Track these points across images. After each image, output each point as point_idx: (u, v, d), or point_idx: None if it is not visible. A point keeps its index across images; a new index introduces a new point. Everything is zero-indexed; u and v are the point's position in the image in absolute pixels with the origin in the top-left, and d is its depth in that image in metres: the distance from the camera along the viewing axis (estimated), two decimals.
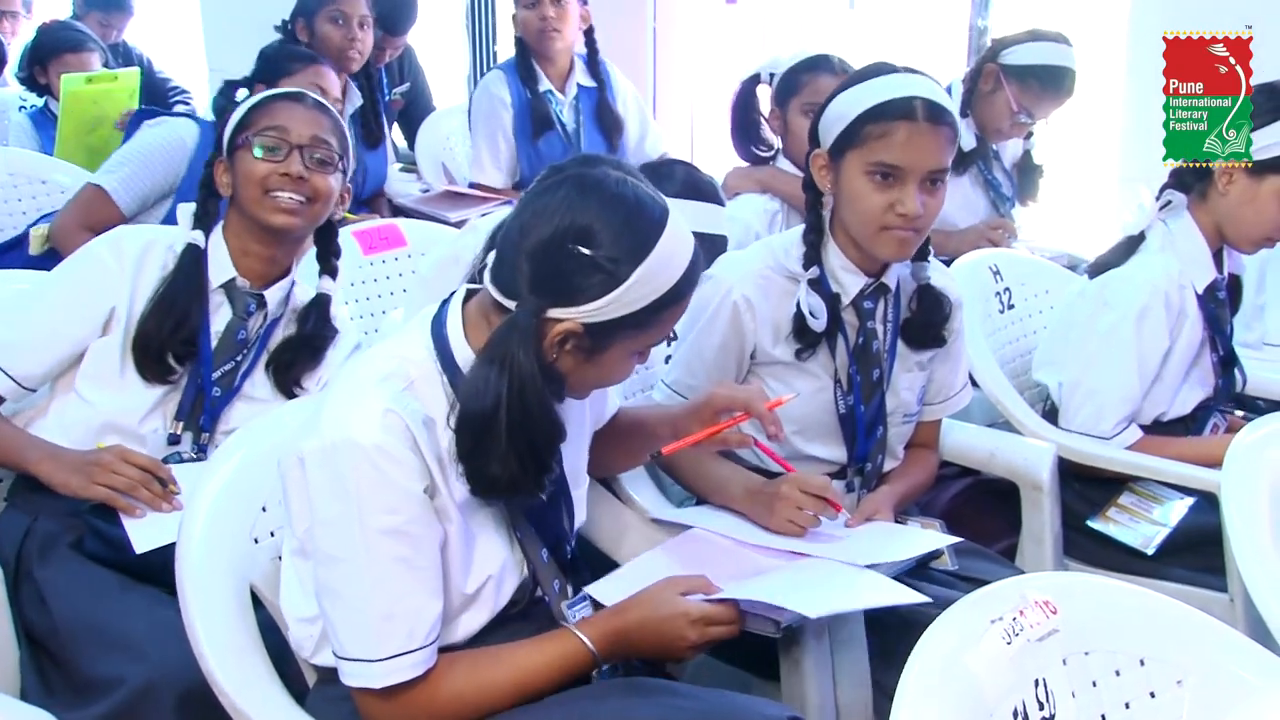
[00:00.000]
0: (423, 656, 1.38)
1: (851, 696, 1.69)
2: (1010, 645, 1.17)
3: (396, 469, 1.35)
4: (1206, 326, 2.28)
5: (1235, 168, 2.17)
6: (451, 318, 1.48)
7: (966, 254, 2.69)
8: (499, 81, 3.66)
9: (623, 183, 1.42)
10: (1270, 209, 2.17)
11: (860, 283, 1.92)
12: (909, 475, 2.06)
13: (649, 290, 1.41)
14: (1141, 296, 2.21)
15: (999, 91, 3.09)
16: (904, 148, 1.79)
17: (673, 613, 1.47)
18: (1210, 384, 2.33)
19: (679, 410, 1.75)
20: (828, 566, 1.67)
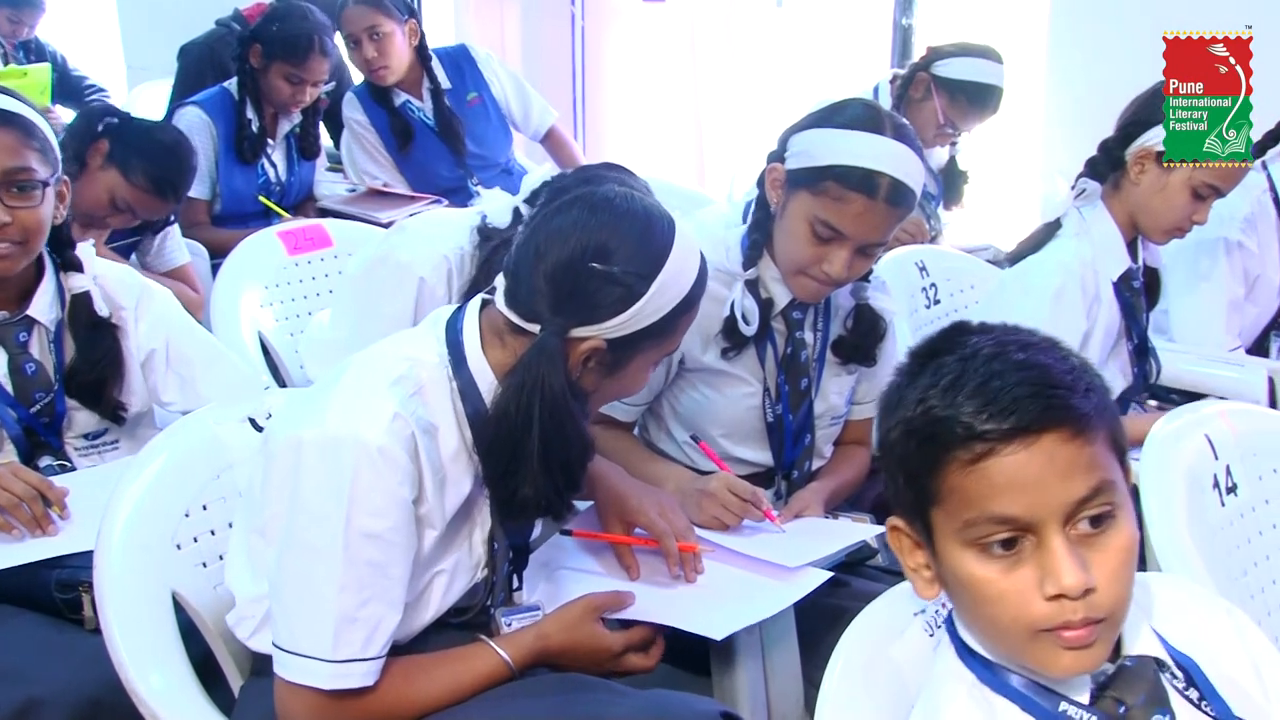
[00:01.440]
0: (375, 667, 1.38)
1: (783, 691, 1.71)
2: (933, 637, 1.19)
3: (394, 474, 1.35)
4: (1122, 315, 2.32)
5: (1147, 157, 2.21)
6: (468, 328, 1.49)
7: (894, 251, 2.72)
8: (353, 106, 3.64)
9: (630, 198, 1.46)
10: (1179, 199, 2.21)
11: (790, 295, 1.93)
12: (839, 472, 2.08)
13: (666, 300, 1.45)
14: (1056, 278, 2.24)
15: (928, 101, 3.19)
16: (855, 220, 1.78)
17: (594, 645, 1.51)
18: (1129, 373, 2.38)
19: (606, 493, 1.76)
20: (736, 576, 1.71)
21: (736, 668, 1.65)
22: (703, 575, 1.71)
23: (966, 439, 0.98)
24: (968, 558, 0.99)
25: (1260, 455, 1.68)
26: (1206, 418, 1.69)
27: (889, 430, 1.06)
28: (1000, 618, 1.00)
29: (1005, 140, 3.37)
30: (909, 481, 1.03)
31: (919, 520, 1.04)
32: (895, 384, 1.08)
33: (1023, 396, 0.98)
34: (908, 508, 1.05)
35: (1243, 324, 2.69)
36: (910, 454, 1.03)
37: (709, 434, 1.98)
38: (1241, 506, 1.64)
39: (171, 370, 2.04)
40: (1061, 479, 0.97)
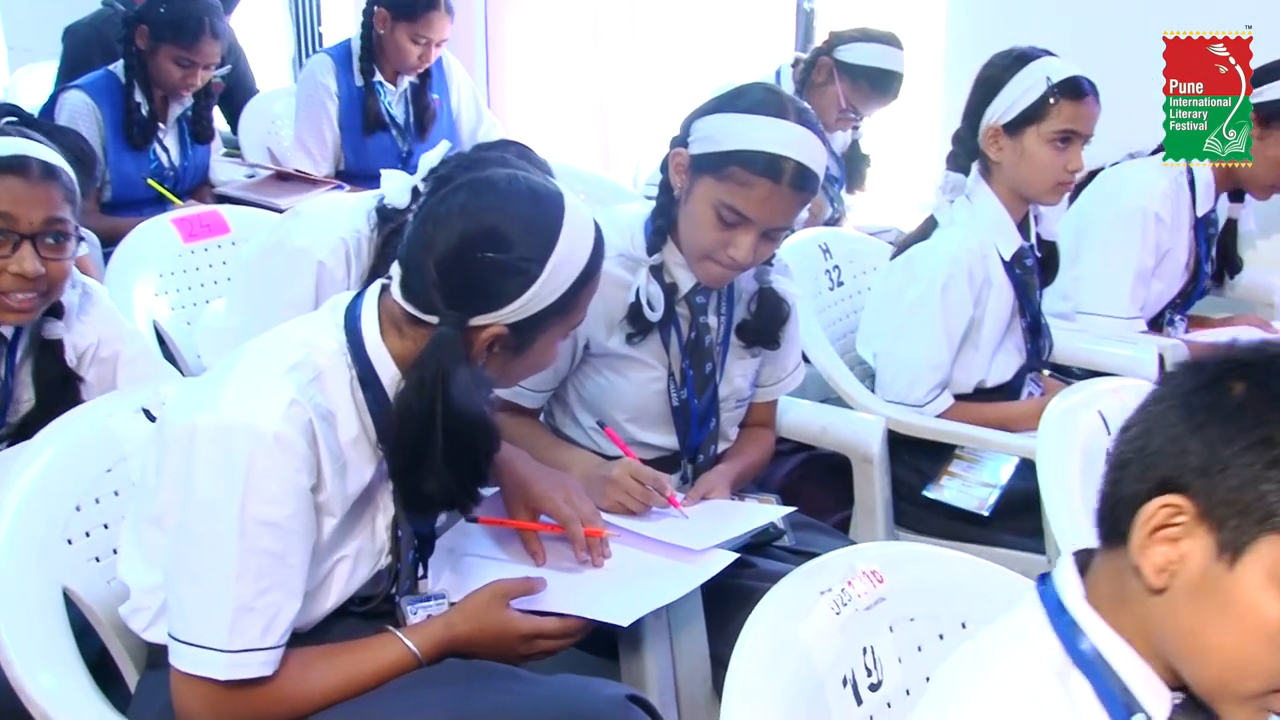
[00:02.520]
0: (273, 656, 1.35)
1: (691, 672, 1.71)
2: (839, 615, 1.20)
3: (290, 462, 1.33)
4: (1015, 294, 2.37)
5: (996, 134, 2.28)
6: (367, 315, 1.46)
7: (798, 234, 2.74)
8: (326, 70, 3.57)
9: (514, 178, 1.43)
10: (1042, 157, 2.26)
11: (694, 280, 1.93)
12: (745, 454, 2.09)
13: (564, 278, 1.43)
14: (944, 269, 2.29)
15: (830, 85, 3.24)
16: (760, 204, 1.78)
17: (503, 631, 1.50)
18: (1023, 351, 2.43)
19: (511, 480, 1.75)
20: (642, 560, 1.71)
21: (644, 651, 1.65)
22: (609, 560, 1.71)
23: None
24: (1272, 597, 0.92)
25: None
26: (1100, 394, 1.73)
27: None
28: (1259, 662, 0.94)
29: (905, 123, 3.41)
30: (1272, 495, 0.92)
31: (1239, 530, 0.93)
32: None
33: None
34: (1236, 512, 0.93)
35: (1147, 297, 2.76)
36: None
37: (614, 419, 1.98)
38: None
39: (94, 366, 2.00)
40: None
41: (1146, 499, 0.96)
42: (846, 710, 1.17)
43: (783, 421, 2.25)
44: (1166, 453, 0.96)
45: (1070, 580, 1.03)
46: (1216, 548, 0.94)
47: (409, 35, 3.46)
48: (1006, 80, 2.28)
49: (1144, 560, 0.96)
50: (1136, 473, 0.98)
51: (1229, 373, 0.96)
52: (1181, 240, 2.78)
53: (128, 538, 1.47)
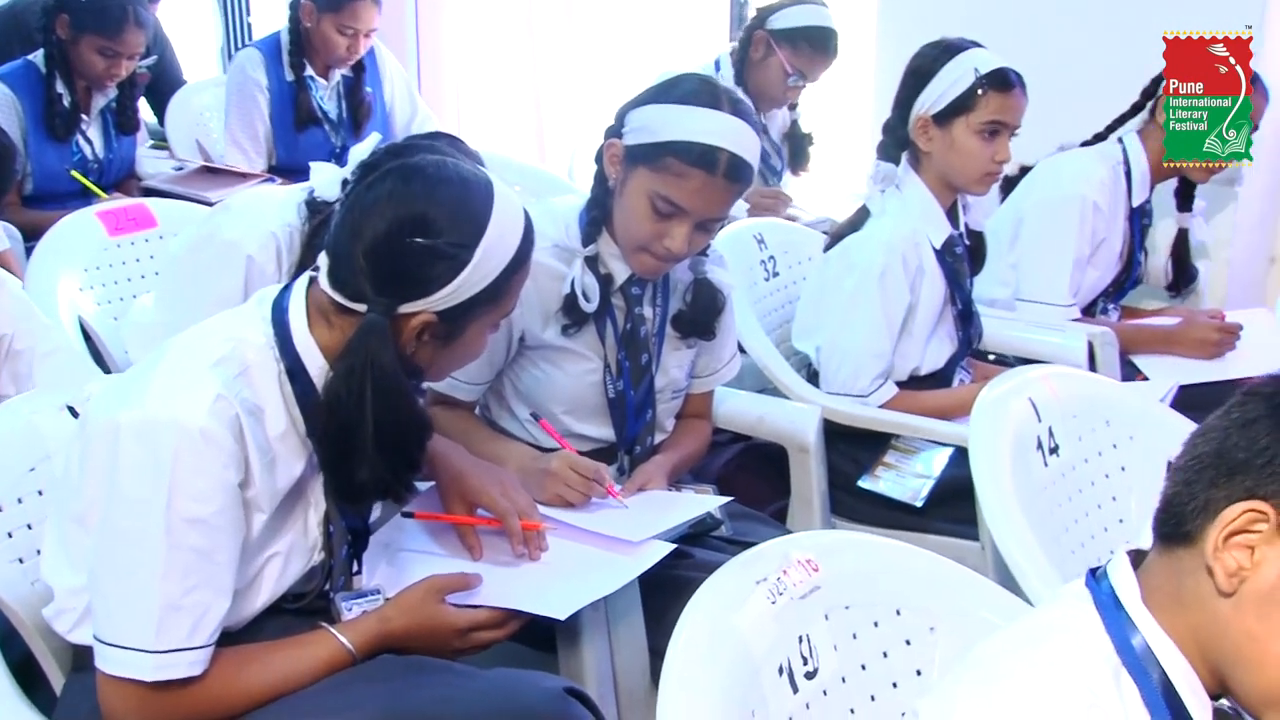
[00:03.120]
0: (202, 656, 1.33)
1: (629, 663, 1.71)
2: (775, 604, 1.21)
3: (216, 458, 1.31)
4: (946, 282, 2.39)
5: (925, 124, 2.31)
6: (294, 307, 1.44)
7: (734, 224, 2.75)
8: (255, 63, 3.51)
9: (442, 165, 1.42)
10: (970, 147, 2.30)
11: (629, 271, 1.93)
12: (681, 445, 2.09)
13: (493, 265, 1.43)
14: (880, 258, 2.31)
15: (771, 57, 3.24)
16: (694, 195, 1.79)
17: (438, 625, 1.49)
18: (955, 338, 2.46)
19: (447, 474, 1.74)
20: (579, 552, 1.71)
21: (582, 643, 1.65)
22: (547, 553, 1.70)
23: None
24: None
25: (1080, 417, 1.76)
26: (1030, 382, 1.75)
27: None
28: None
29: (837, 113, 3.44)
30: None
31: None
32: None
33: None
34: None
35: (1082, 284, 2.81)
36: None
37: (551, 411, 1.97)
38: (1063, 466, 1.71)
39: (9, 361, 1.95)
40: None
41: (1227, 504, 0.97)
42: (782, 698, 1.17)
43: (719, 412, 2.26)
44: (1253, 462, 0.97)
45: (1128, 578, 1.04)
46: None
47: (335, 26, 3.41)
48: (935, 71, 2.31)
49: (1217, 562, 0.97)
50: (1215, 478, 0.99)
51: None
52: (1117, 230, 2.83)
53: (51, 538, 1.44)
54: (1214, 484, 0.98)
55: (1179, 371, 2.63)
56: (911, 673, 1.28)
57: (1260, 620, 0.96)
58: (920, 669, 1.29)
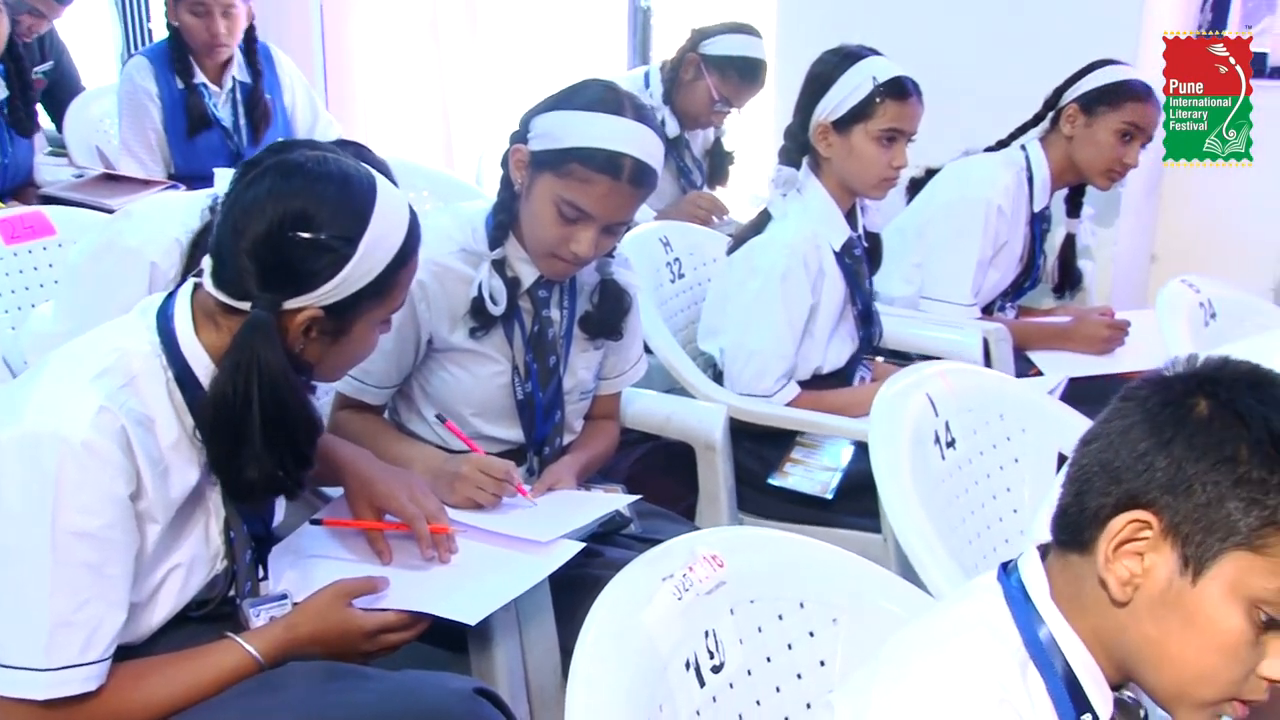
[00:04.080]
0: (96, 671, 1.30)
1: (540, 662, 1.71)
2: (681, 600, 1.21)
3: (102, 471, 1.28)
4: (846, 282, 2.42)
5: (826, 130, 2.34)
6: (179, 313, 1.41)
7: (640, 227, 2.76)
8: (144, 72, 3.38)
9: (323, 160, 1.41)
10: (868, 153, 2.33)
11: (536, 274, 1.93)
12: (590, 445, 2.09)
13: (378, 259, 1.42)
14: (782, 260, 2.33)
15: (700, 80, 3.30)
16: (600, 200, 1.79)
17: (346, 629, 1.48)
18: (855, 337, 2.50)
19: (354, 480, 1.72)
20: (489, 553, 1.70)
21: (493, 643, 1.64)
22: (457, 555, 1.69)
23: None
24: (1235, 611, 0.95)
25: (975, 411, 1.79)
26: (927, 378, 1.78)
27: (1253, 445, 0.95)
28: (1217, 672, 0.97)
29: (739, 118, 3.47)
30: (1241, 511, 0.93)
31: (1203, 547, 0.95)
32: (1250, 407, 0.96)
33: None
34: (1200, 528, 0.95)
35: (983, 285, 2.86)
36: (1274, 498, 0.93)
37: (460, 413, 1.96)
38: (960, 459, 1.74)
39: None
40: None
41: (1113, 513, 0.98)
42: (690, 692, 1.18)
43: (627, 412, 2.26)
44: (1134, 469, 0.98)
45: (1037, 573, 1.05)
46: (1180, 563, 0.96)
47: (188, 9, 3.29)
48: (835, 78, 2.34)
49: (1109, 574, 0.98)
50: (1102, 486, 1.00)
51: (1193, 390, 0.98)
52: (1018, 233, 2.89)
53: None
54: (1102, 493, 1.00)
55: (1070, 366, 2.70)
56: (815, 664, 1.30)
57: (1156, 623, 0.98)
58: (824, 660, 1.30)
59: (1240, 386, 0.98)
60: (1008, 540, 1.77)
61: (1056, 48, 3.06)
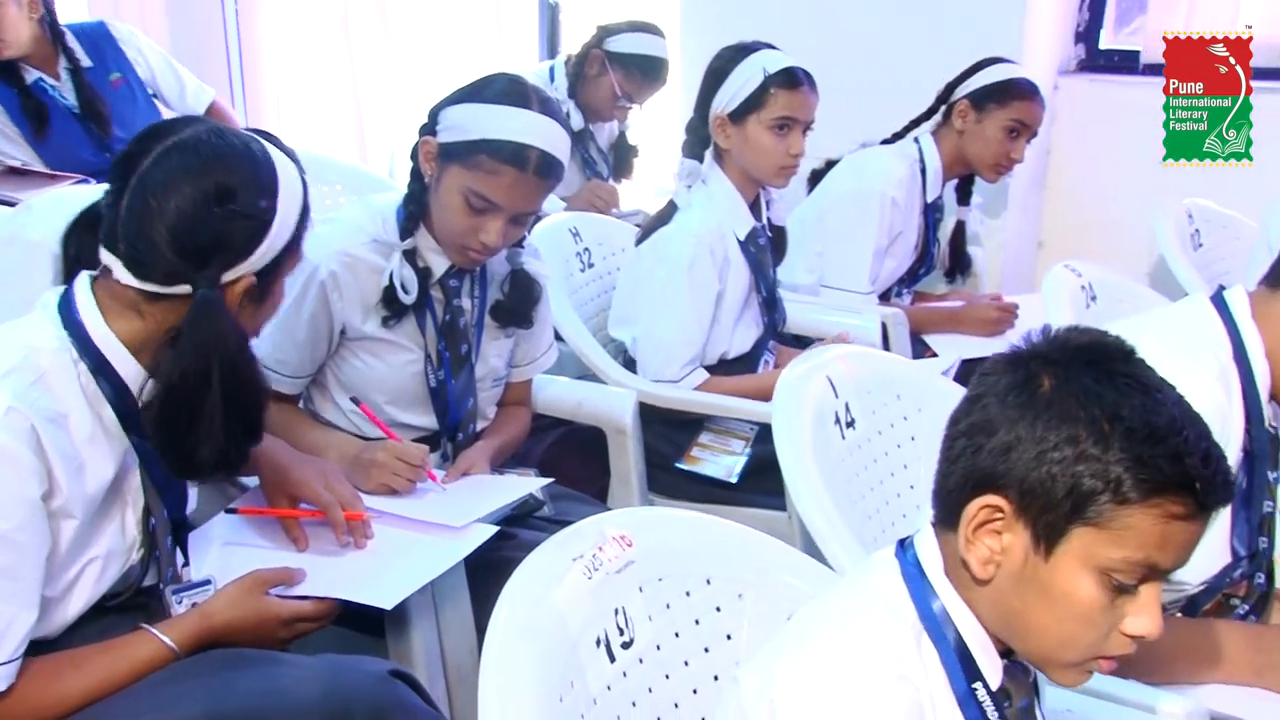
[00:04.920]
0: (7, 671, 1.26)
1: (457, 644, 1.70)
2: (591, 580, 1.20)
3: (13, 473, 1.23)
4: (750, 271, 2.44)
5: (722, 123, 2.36)
6: (84, 306, 1.37)
7: (550, 218, 2.74)
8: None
9: (217, 132, 1.39)
10: (764, 143, 2.35)
11: (447, 264, 1.91)
12: (503, 431, 2.08)
13: (292, 214, 1.42)
14: (688, 250, 2.34)
15: (604, 76, 3.31)
16: (507, 191, 1.78)
17: (262, 618, 1.45)
18: (760, 323, 2.51)
19: (268, 469, 1.69)
20: (404, 538, 1.68)
21: (409, 625, 1.63)
22: (373, 540, 1.67)
23: (1186, 493, 0.95)
24: (1087, 580, 0.96)
25: (873, 392, 1.80)
26: (828, 361, 1.79)
27: (1085, 432, 0.95)
28: (1077, 637, 0.99)
29: (646, 112, 3.47)
30: (1081, 489, 0.94)
31: (1052, 524, 0.96)
32: (1086, 386, 0.97)
33: (1228, 478, 0.98)
34: (1048, 506, 0.96)
35: (880, 273, 2.89)
36: (1109, 476, 0.94)
37: (374, 401, 1.94)
38: (859, 438, 1.76)
39: None
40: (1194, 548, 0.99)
41: (971, 496, 0.99)
42: (600, 668, 1.17)
43: (539, 398, 2.25)
44: (987, 450, 0.98)
45: (932, 548, 1.06)
46: (1033, 541, 0.97)
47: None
48: (729, 72, 2.35)
49: (970, 555, 1.00)
50: (963, 469, 1.01)
51: (1039, 369, 0.99)
52: (913, 223, 2.92)
53: None
54: (963, 478, 1.01)
55: (963, 347, 2.74)
56: (722, 637, 1.30)
57: (1018, 598, 0.99)
58: (730, 633, 1.30)
59: (1079, 364, 0.99)
60: (905, 515, 1.79)
61: (947, 44, 3.12)
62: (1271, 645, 1.40)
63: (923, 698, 0.99)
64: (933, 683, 1.01)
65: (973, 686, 1.02)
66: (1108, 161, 3.51)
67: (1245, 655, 1.40)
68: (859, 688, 0.98)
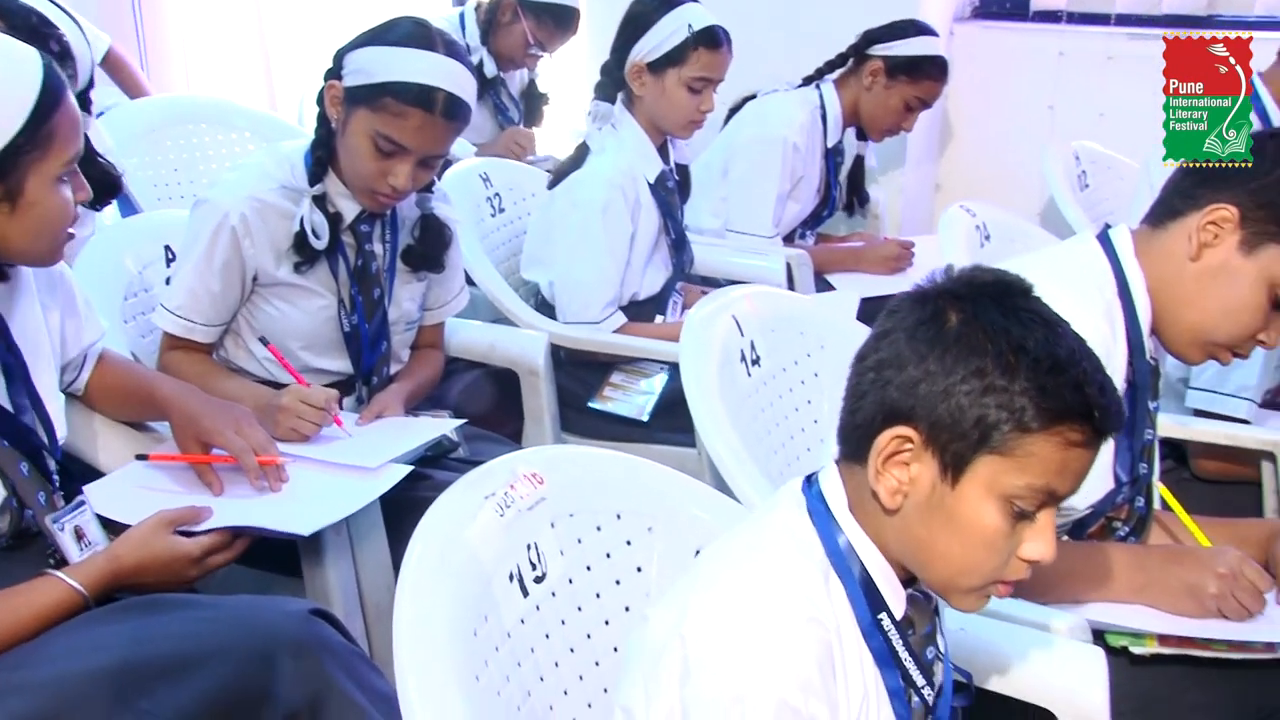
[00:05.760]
0: None
1: (374, 581, 1.69)
2: (503, 517, 1.20)
3: None
4: (660, 213, 2.43)
5: (640, 71, 2.34)
6: None
7: (459, 164, 2.70)
8: None
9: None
10: (678, 97, 2.35)
11: (357, 209, 1.87)
12: (416, 373, 2.06)
13: (14, 108, 1.29)
14: (601, 193, 2.33)
15: (516, 24, 3.28)
16: (415, 133, 1.75)
17: (171, 556, 1.41)
18: (669, 263, 2.51)
19: (179, 416, 1.63)
20: (320, 479, 1.65)
21: (326, 565, 1.61)
22: (288, 484, 1.64)
23: (1084, 421, 0.97)
24: (990, 507, 0.98)
25: (778, 331, 1.81)
26: (733, 301, 1.79)
27: (985, 363, 0.96)
28: (979, 562, 1.01)
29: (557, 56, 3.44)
30: (988, 418, 0.96)
31: (959, 454, 0.98)
32: (993, 320, 0.98)
33: (1121, 406, 1.01)
34: (956, 437, 0.97)
35: (783, 216, 2.91)
36: (1015, 405, 0.96)
37: (288, 347, 1.91)
38: (764, 375, 1.77)
39: None
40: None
41: (880, 429, 1.00)
42: (514, 602, 1.17)
43: (453, 342, 2.23)
44: (896, 384, 0.99)
45: (836, 485, 1.06)
46: (940, 470, 0.98)
47: None
48: (653, 22, 2.34)
49: (880, 485, 1.00)
50: (872, 403, 1.01)
51: (946, 305, 1.00)
52: (815, 167, 2.94)
53: None
54: (873, 409, 1.02)
55: (864, 286, 2.77)
56: (633, 570, 1.30)
57: (924, 525, 1.01)
58: (640, 566, 1.31)
59: (985, 300, 1.00)
60: (809, 449, 1.81)
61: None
62: (1150, 565, 1.45)
63: (831, 636, 1.00)
64: (840, 617, 1.02)
65: (878, 617, 1.03)
66: (1001, 107, 3.55)
67: (1127, 575, 1.45)
68: (770, 632, 0.98)
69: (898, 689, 1.04)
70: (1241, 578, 1.40)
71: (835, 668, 1.00)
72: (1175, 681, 1.41)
